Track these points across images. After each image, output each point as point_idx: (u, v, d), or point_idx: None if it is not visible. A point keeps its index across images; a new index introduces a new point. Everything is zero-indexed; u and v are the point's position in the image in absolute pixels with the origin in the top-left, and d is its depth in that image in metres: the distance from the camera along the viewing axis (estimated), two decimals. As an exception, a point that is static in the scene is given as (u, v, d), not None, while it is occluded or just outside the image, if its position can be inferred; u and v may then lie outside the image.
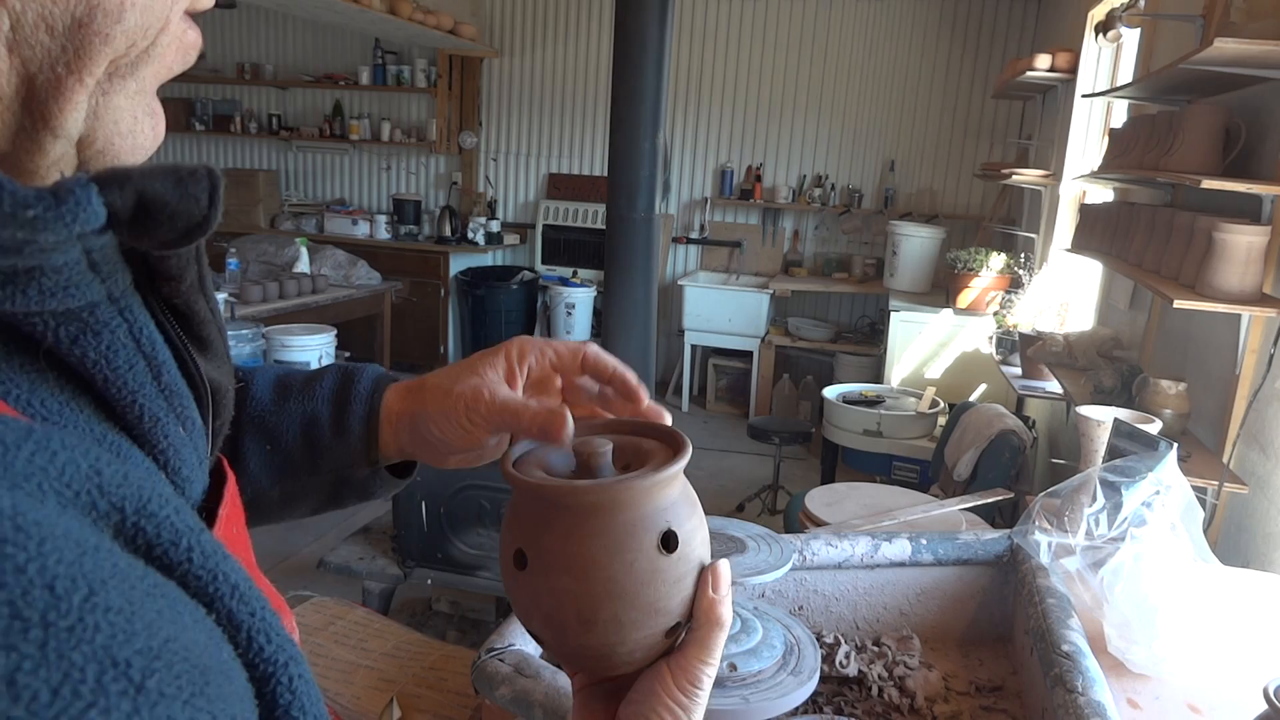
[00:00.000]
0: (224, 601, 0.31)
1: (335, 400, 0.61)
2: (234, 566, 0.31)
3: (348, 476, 0.61)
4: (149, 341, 0.36)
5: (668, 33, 2.81)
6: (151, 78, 0.35)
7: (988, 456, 3.00)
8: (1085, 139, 4.05)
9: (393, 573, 2.81)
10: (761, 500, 4.39)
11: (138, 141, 0.35)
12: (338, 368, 0.63)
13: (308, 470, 0.61)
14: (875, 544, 1.35)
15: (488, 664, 1.02)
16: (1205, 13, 2.35)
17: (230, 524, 0.41)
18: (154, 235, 0.32)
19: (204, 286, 0.40)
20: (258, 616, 0.32)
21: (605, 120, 4.04)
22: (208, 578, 0.30)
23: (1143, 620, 1.12)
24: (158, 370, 0.36)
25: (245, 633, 0.31)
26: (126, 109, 0.34)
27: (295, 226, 6.65)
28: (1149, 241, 2.43)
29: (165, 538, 0.29)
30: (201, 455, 0.40)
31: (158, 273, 0.37)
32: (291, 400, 0.61)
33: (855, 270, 6.13)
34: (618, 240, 2.96)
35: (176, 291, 0.38)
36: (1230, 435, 2.10)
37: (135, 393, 0.34)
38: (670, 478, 0.49)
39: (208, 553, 0.30)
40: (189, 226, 0.32)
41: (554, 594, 0.48)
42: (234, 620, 0.31)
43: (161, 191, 0.31)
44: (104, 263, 0.33)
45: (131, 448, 0.34)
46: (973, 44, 5.89)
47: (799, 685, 0.90)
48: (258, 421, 0.60)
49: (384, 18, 5.15)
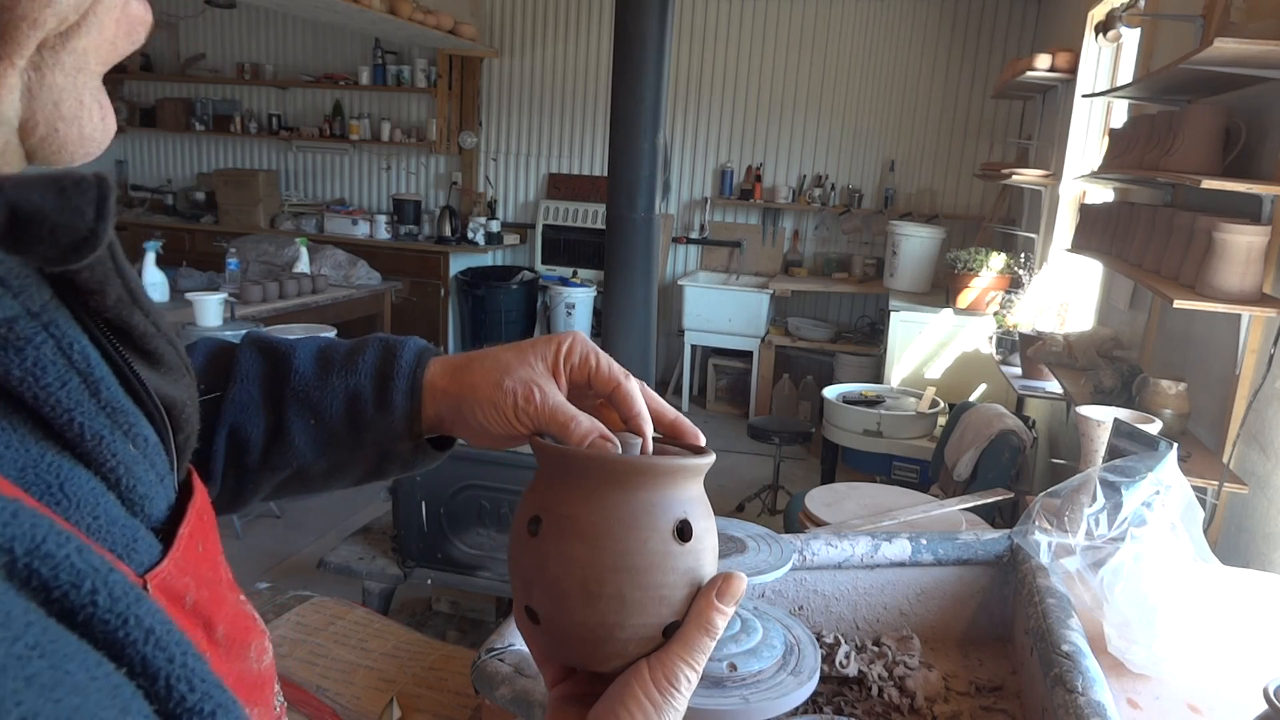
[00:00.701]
0: (137, 648, 0.28)
1: (378, 374, 0.60)
2: (149, 610, 0.29)
3: (391, 450, 0.61)
4: (82, 357, 0.34)
5: (668, 33, 2.81)
6: (92, 52, 0.32)
7: (988, 456, 3.00)
8: (1085, 139, 4.05)
9: (393, 573, 2.81)
10: (761, 500, 4.39)
11: (85, 130, 0.33)
12: (379, 340, 0.63)
13: (351, 444, 0.61)
14: (875, 544, 1.35)
15: (488, 664, 1.02)
16: (1205, 13, 2.35)
17: (194, 541, 0.39)
18: (34, 251, 0.29)
19: (137, 300, 0.38)
20: (177, 663, 0.29)
21: (605, 120, 4.04)
22: (116, 622, 0.28)
23: (1143, 620, 1.12)
24: (95, 387, 0.34)
25: (164, 681, 0.29)
26: (68, 89, 0.32)
27: (295, 226, 6.65)
28: (1149, 241, 2.43)
29: (64, 579, 0.27)
30: (161, 472, 0.39)
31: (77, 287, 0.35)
32: (334, 374, 0.61)
33: (855, 270, 6.13)
34: (618, 240, 2.96)
35: (104, 306, 0.36)
36: (1230, 435, 2.10)
37: (71, 410, 0.33)
38: (693, 469, 0.50)
39: (116, 595, 0.28)
40: (74, 242, 0.30)
41: (563, 560, 0.48)
42: (149, 668, 0.29)
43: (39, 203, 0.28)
44: (10, 277, 0.31)
45: (75, 467, 0.33)
46: (973, 44, 5.89)
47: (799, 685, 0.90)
48: (302, 395, 0.60)
49: (384, 18, 5.15)
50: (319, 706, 1.68)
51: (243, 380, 0.60)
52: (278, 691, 0.46)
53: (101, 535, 0.33)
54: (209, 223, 6.90)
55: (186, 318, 3.87)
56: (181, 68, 7.25)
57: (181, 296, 4.11)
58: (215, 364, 0.62)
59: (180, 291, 4.27)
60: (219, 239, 6.35)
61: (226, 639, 0.39)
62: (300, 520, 4.07)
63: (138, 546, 0.35)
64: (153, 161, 7.66)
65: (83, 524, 0.33)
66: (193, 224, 6.90)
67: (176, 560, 0.37)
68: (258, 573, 3.50)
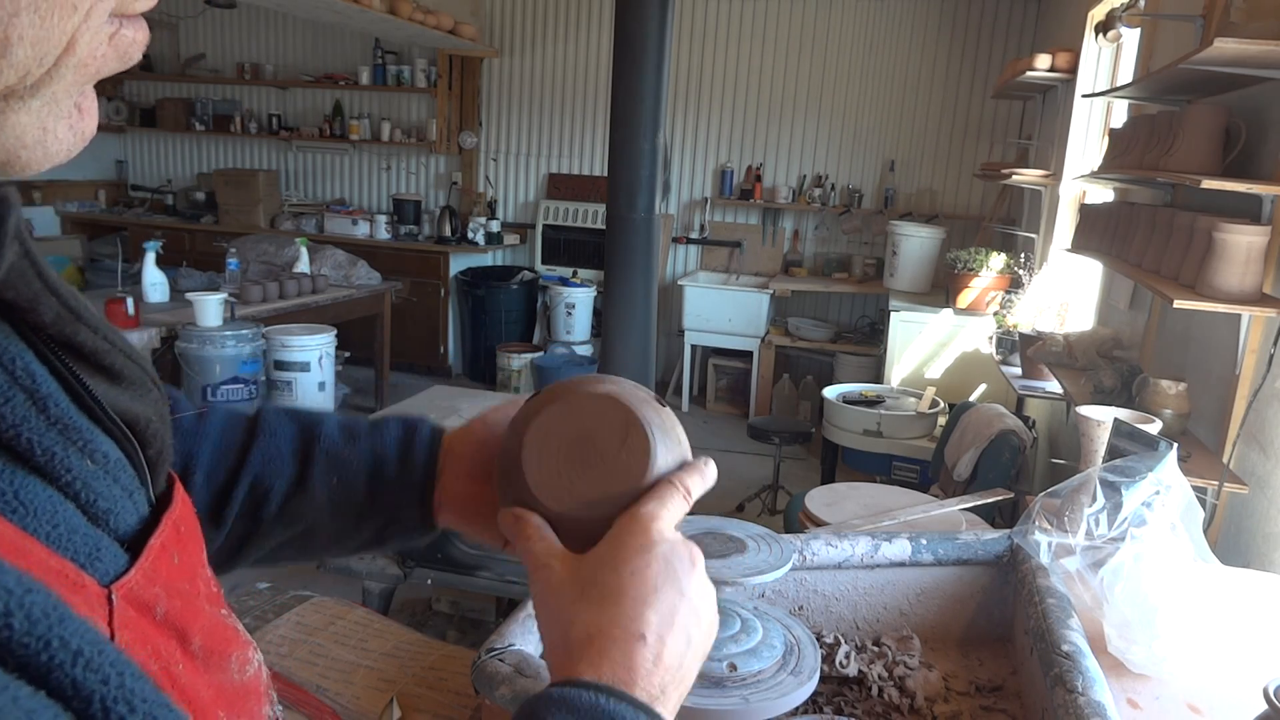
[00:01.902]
0: (65, 670, 0.27)
1: (402, 441, 0.65)
2: (76, 630, 0.28)
3: (397, 518, 0.65)
4: (26, 374, 0.34)
5: (668, 33, 2.81)
6: (65, 91, 0.32)
7: (988, 456, 3.00)
8: (1085, 139, 4.05)
9: (393, 573, 2.81)
10: (761, 500, 4.39)
11: (49, 149, 0.32)
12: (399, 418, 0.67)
13: (367, 506, 0.64)
14: (875, 544, 1.35)
15: (488, 664, 1.02)
16: (1205, 13, 2.35)
17: (168, 553, 0.39)
18: None
19: (80, 316, 0.37)
20: (113, 684, 0.28)
21: (605, 120, 4.04)
22: (36, 646, 0.27)
23: (1143, 620, 1.12)
24: (42, 403, 0.34)
25: (99, 704, 0.28)
26: (31, 123, 0.31)
27: (295, 226, 6.65)
28: (1149, 241, 2.42)
29: None
30: (129, 487, 0.38)
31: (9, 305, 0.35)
32: (360, 440, 0.65)
33: (855, 270, 6.13)
34: (618, 240, 2.96)
35: (41, 323, 0.36)
36: (1230, 435, 2.10)
37: (17, 426, 0.33)
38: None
39: (34, 618, 0.27)
40: None
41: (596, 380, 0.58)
42: (81, 691, 0.28)
43: None
44: None
45: (29, 478, 0.33)
46: (973, 44, 5.89)
47: (799, 685, 0.90)
48: (330, 454, 0.64)
49: (384, 18, 5.15)
50: (319, 706, 1.68)
51: (272, 434, 0.63)
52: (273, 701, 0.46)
53: (61, 544, 0.33)
54: (209, 223, 6.90)
55: (186, 318, 3.87)
56: (181, 68, 7.25)
57: (181, 296, 4.11)
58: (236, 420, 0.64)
59: (180, 291, 4.27)
60: (219, 239, 6.35)
61: (204, 650, 0.38)
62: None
63: (101, 556, 0.34)
64: (153, 161, 7.66)
65: (40, 532, 0.32)
66: (193, 224, 6.89)
67: (145, 571, 0.36)
68: (258, 573, 3.49)
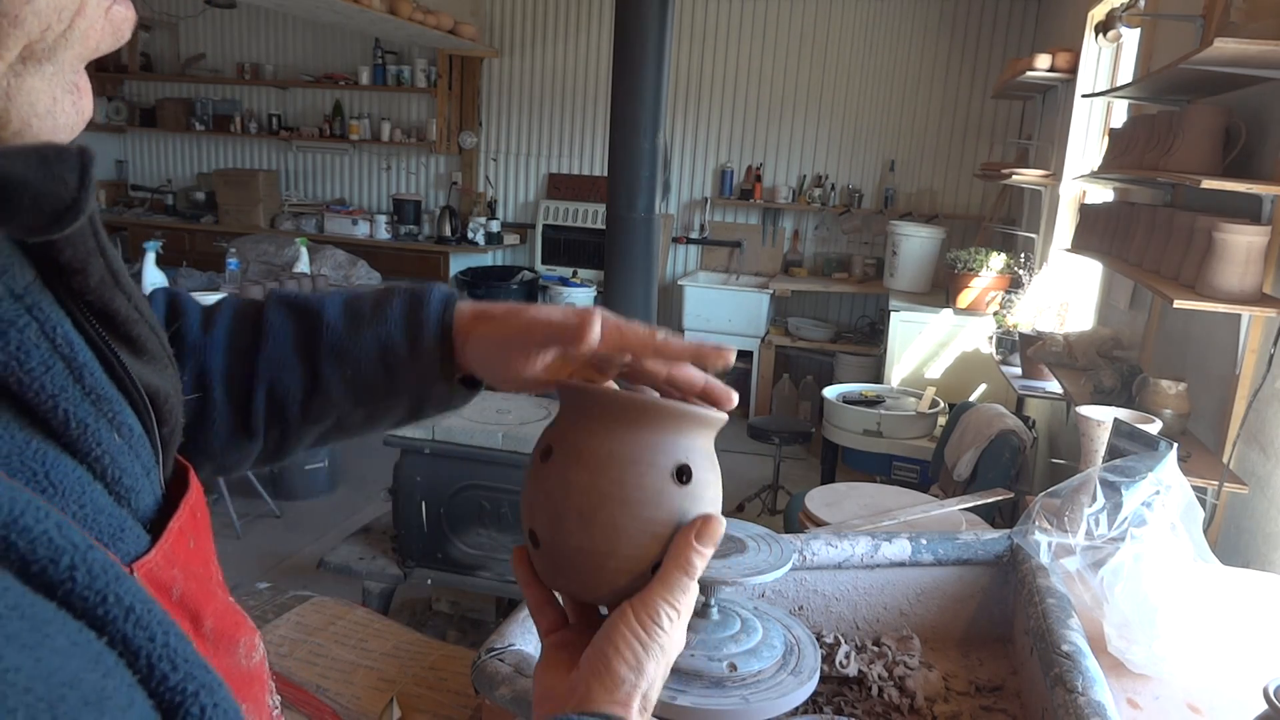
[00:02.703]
0: (116, 625, 0.28)
1: (408, 322, 0.61)
2: (129, 589, 0.29)
3: (427, 392, 0.63)
4: (65, 342, 0.34)
5: (668, 33, 2.81)
6: (73, 60, 0.33)
7: (988, 456, 3.00)
8: (1085, 139, 4.05)
9: (393, 573, 2.81)
10: (761, 500, 4.39)
11: (58, 121, 0.33)
12: (405, 290, 0.64)
13: (387, 391, 0.62)
14: (875, 544, 1.35)
15: (488, 664, 1.02)
16: (1205, 13, 2.35)
17: (185, 536, 0.39)
18: (17, 220, 0.29)
19: (120, 282, 0.37)
20: (158, 642, 0.29)
21: (605, 120, 4.04)
22: (95, 599, 0.28)
23: (1143, 620, 1.12)
24: (79, 372, 0.34)
25: (145, 659, 0.29)
26: (44, 90, 0.32)
27: (295, 226, 6.65)
28: (1149, 241, 2.42)
29: (41, 554, 0.27)
30: (147, 465, 0.38)
31: (60, 267, 0.35)
32: (364, 325, 0.61)
33: (855, 270, 6.13)
34: (618, 240, 2.96)
35: (87, 287, 0.36)
36: (1230, 435, 2.10)
37: (56, 396, 0.32)
38: (700, 417, 0.52)
39: (95, 573, 0.28)
40: (57, 210, 0.30)
41: (565, 484, 0.50)
42: (130, 645, 0.29)
43: (22, 171, 0.28)
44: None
45: (60, 455, 0.32)
46: (973, 44, 5.89)
47: (799, 685, 0.90)
48: (335, 349, 0.62)
49: (384, 18, 5.15)
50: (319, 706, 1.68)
51: (274, 338, 0.61)
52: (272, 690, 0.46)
53: (89, 523, 0.33)
54: (209, 223, 6.90)
55: (186, 318, 3.86)
56: (181, 68, 7.24)
57: (181, 296, 4.11)
58: (243, 321, 0.63)
59: (180, 291, 4.26)
60: (219, 239, 6.35)
61: (214, 633, 0.39)
62: (300, 520, 4.07)
63: (124, 536, 0.35)
64: (153, 161, 7.66)
65: (69, 511, 0.32)
66: (193, 224, 6.89)
67: (165, 552, 0.36)
68: (258, 573, 3.49)
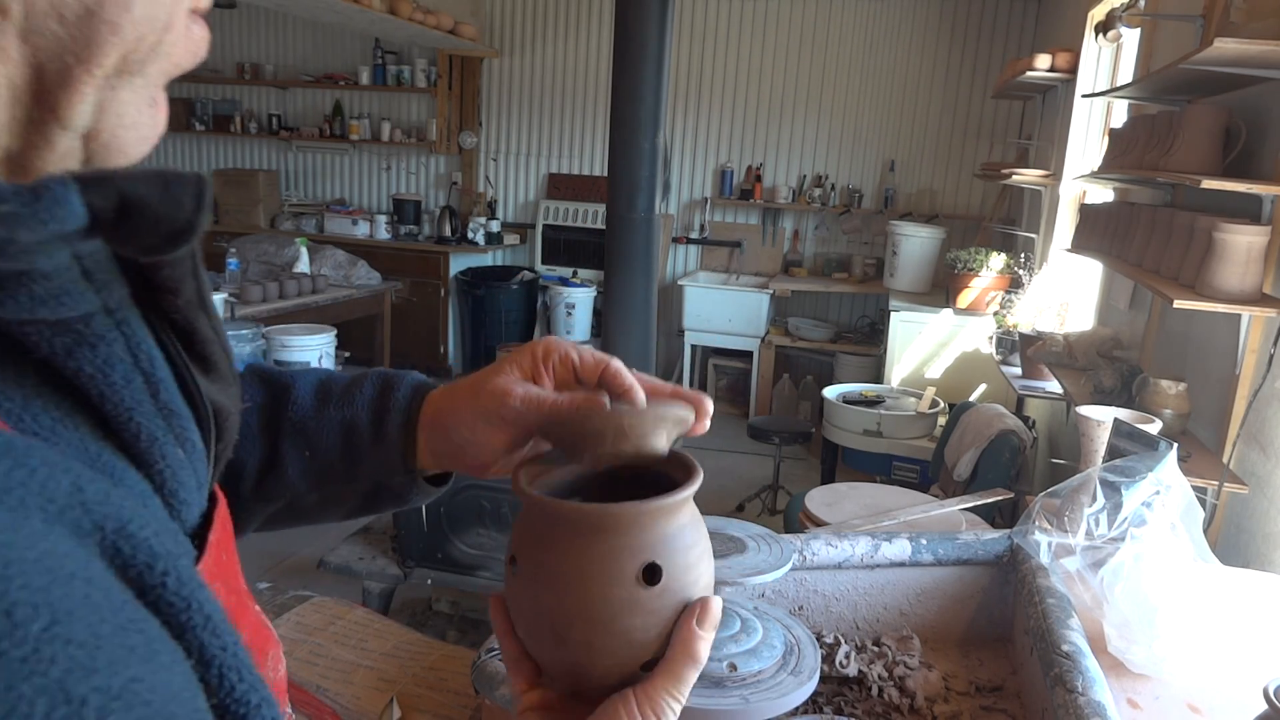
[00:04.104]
0: (196, 633, 0.29)
1: (375, 408, 0.60)
2: (208, 598, 0.30)
3: (384, 483, 0.61)
4: (147, 357, 0.35)
5: (668, 33, 2.81)
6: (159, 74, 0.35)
7: (988, 456, 3.00)
8: (1085, 139, 4.05)
9: (393, 573, 2.81)
10: (761, 500, 4.39)
11: (141, 133, 0.35)
12: (378, 374, 0.63)
13: (345, 477, 0.61)
14: (875, 544, 1.35)
15: (488, 664, 1.02)
16: (1205, 13, 2.35)
17: (219, 550, 0.40)
18: (137, 239, 0.31)
19: (204, 304, 0.39)
20: (229, 652, 0.30)
21: (605, 120, 4.04)
22: (180, 605, 0.29)
23: (1143, 620, 1.12)
24: (155, 388, 0.35)
25: (216, 669, 0.30)
26: (131, 102, 0.34)
27: (295, 226, 6.65)
28: (1149, 241, 2.42)
29: (141, 559, 0.28)
30: (201, 480, 0.39)
31: (155, 286, 0.36)
32: (331, 406, 0.61)
33: (855, 270, 6.13)
34: (618, 240, 2.96)
35: (175, 306, 0.37)
36: (1230, 435, 2.10)
37: (132, 410, 0.33)
38: (660, 510, 0.48)
39: (184, 579, 0.29)
40: (173, 231, 0.31)
41: (534, 604, 0.49)
42: (205, 655, 0.30)
43: (145, 194, 0.30)
44: (97, 271, 0.32)
45: (127, 468, 0.33)
46: (973, 44, 5.89)
47: (799, 685, 0.90)
48: (298, 426, 0.60)
49: (384, 18, 5.15)
50: (319, 706, 1.68)
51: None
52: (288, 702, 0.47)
53: None
54: (209, 222, 6.89)
55: (186, 318, 3.86)
56: (181, 68, 7.24)
57: (181, 296, 4.10)
58: None
59: (180, 291, 4.26)
60: (219, 239, 6.35)
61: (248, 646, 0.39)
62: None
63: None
64: (153, 161, 7.62)
65: None
66: (193, 224, 6.89)
67: (208, 566, 0.37)
68: (258, 573, 3.49)
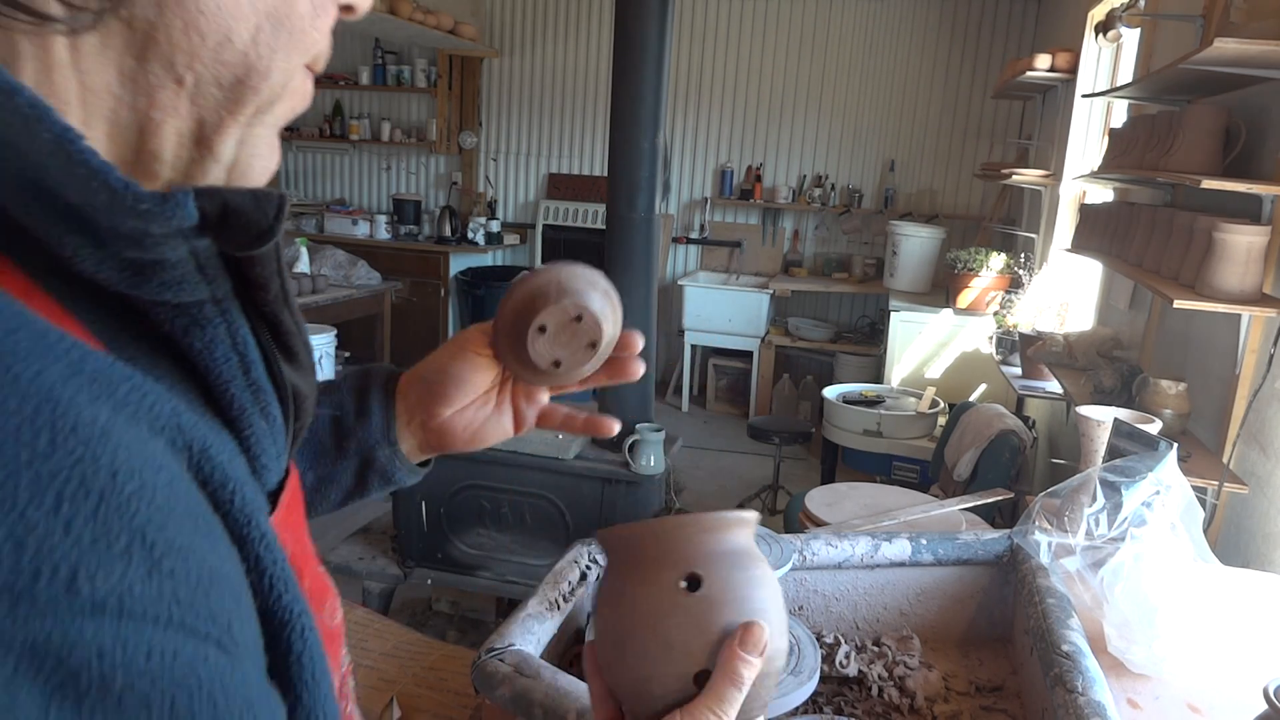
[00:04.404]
0: (253, 546, 0.37)
1: (357, 390, 0.71)
2: (266, 522, 0.38)
3: (371, 459, 0.70)
4: (243, 341, 0.42)
5: (668, 33, 2.81)
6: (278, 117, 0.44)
7: (988, 456, 3.00)
8: (1085, 139, 4.05)
9: (393, 573, 2.81)
10: (761, 500, 4.40)
11: (267, 163, 0.44)
12: (357, 368, 0.73)
13: (336, 454, 0.70)
14: (875, 544, 1.35)
15: (488, 664, 1.02)
16: (1205, 13, 2.35)
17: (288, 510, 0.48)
18: (233, 237, 0.39)
19: (288, 301, 0.46)
20: (279, 565, 0.38)
21: (605, 120, 4.04)
22: (243, 520, 0.36)
23: (1143, 620, 1.12)
24: (247, 366, 0.42)
25: (267, 579, 0.37)
26: (263, 138, 0.43)
27: (295, 226, 6.64)
28: (1149, 241, 2.43)
29: (216, 478, 0.36)
30: (280, 449, 0.46)
31: (249, 282, 0.43)
32: (321, 404, 0.68)
33: (855, 270, 6.13)
34: (618, 240, 2.96)
35: (265, 301, 0.45)
36: (1230, 435, 2.10)
37: (228, 382, 0.41)
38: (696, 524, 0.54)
39: (248, 500, 0.37)
40: (259, 232, 0.40)
41: (604, 625, 0.54)
42: (259, 565, 0.37)
43: (241, 203, 0.39)
44: (208, 266, 0.40)
45: (221, 431, 0.40)
46: (973, 44, 5.89)
47: (799, 685, 0.90)
48: None
49: (384, 18, 5.15)
50: (319, 706, 1.68)
51: None
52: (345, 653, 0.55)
53: None
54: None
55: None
56: (181, 68, 7.25)
57: (181, 296, 4.10)
58: None
59: (180, 291, 4.26)
60: (219, 239, 6.34)
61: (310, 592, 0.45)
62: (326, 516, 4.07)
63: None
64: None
65: None
66: (193, 224, 6.89)
67: (280, 518, 0.45)
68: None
